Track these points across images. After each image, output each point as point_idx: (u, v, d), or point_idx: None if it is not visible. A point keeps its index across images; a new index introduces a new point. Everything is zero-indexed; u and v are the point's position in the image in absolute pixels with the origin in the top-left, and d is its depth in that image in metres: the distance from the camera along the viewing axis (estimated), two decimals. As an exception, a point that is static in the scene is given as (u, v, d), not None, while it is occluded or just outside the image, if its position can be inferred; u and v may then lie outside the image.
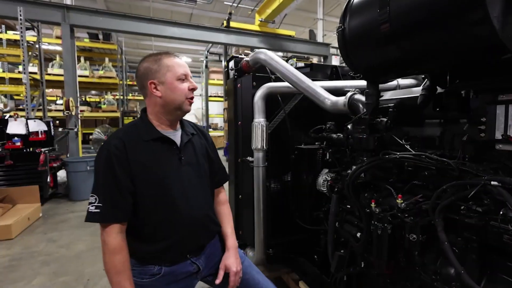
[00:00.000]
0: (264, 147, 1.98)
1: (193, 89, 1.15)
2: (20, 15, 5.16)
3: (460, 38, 0.85)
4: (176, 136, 1.19)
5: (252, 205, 2.09)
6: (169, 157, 1.14)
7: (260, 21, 7.81)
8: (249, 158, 2.11)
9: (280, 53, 9.02)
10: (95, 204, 1.01)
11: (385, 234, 1.39)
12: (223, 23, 7.70)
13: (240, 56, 2.25)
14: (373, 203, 1.41)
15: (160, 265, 1.11)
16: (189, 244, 1.15)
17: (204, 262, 1.22)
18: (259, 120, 1.96)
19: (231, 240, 1.30)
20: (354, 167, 1.48)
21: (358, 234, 1.62)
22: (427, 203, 1.23)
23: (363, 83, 2.05)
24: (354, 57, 1.20)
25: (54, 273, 2.85)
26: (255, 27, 8.03)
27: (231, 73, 2.29)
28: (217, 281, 1.21)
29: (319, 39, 8.87)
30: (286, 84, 1.91)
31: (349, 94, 1.52)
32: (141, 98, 17.05)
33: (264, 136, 1.96)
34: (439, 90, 1.30)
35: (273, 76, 2.15)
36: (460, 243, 1.15)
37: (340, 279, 1.77)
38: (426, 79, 1.27)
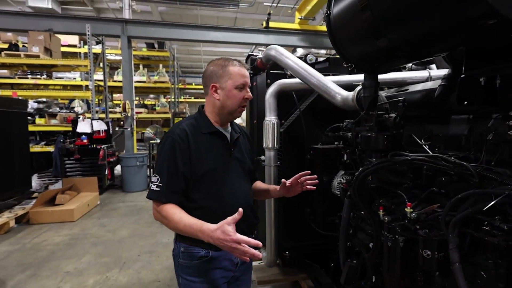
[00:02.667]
0: (275, 146, 1.91)
1: (247, 99, 1.22)
2: (88, 31, 5.94)
3: (447, 10, 0.68)
4: (228, 133, 1.30)
5: (264, 206, 2.03)
6: (221, 150, 1.24)
7: (300, 19, 7.60)
8: (262, 157, 2.05)
9: (323, 51, 8.67)
10: (157, 183, 1.12)
11: (396, 246, 1.21)
12: (262, 24, 7.72)
13: (256, 54, 2.21)
14: (381, 210, 1.24)
15: (208, 249, 1.17)
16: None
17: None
18: (271, 118, 1.89)
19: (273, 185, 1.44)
20: (360, 169, 1.32)
21: (371, 244, 1.44)
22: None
23: (381, 76, 1.83)
24: (343, 45, 1.06)
25: (99, 254, 3.22)
26: (294, 26, 7.85)
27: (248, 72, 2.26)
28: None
29: (367, 33, 8.26)
30: (298, 80, 1.81)
31: (358, 88, 1.36)
32: (190, 100, 18.11)
33: (276, 135, 1.89)
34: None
35: (288, 73, 2.05)
36: (482, 266, 0.93)
37: (351, 292, 1.60)
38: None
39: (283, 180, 1.31)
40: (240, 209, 0.98)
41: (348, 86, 1.60)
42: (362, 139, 1.31)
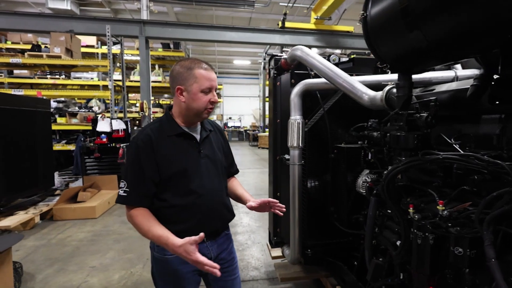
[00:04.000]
0: (300, 145, 1.94)
1: (213, 102, 1.23)
2: (108, 32, 6.12)
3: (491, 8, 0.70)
4: (196, 132, 1.31)
5: (289, 203, 2.07)
6: (190, 151, 1.25)
7: (316, 18, 7.59)
8: (286, 156, 2.10)
9: (338, 51, 8.62)
10: (124, 188, 1.16)
11: (426, 244, 1.23)
12: (278, 24, 7.75)
13: (279, 54, 2.25)
14: (411, 208, 1.26)
15: None
16: (206, 227, 1.24)
17: (215, 251, 1.31)
18: (295, 117, 1.93)
19: (248, 194, 1.41)
20: (390, 167, 1.34)
21: (398, 242, 1.46)
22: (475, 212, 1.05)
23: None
24: (378, 46, 1.09)
25: (122, 250, 3.33)
26: (310, 26, 7.85)
27: (272, 72, 2.30)
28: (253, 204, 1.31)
29: (383, 32, 8.17)
30: (323, 80, 1.84)
31: (387, 88, 1.38)
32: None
33: (300, 134, 1.93)
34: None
35: (312, 73, 2.09)
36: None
37: (377, 289, 1.62)
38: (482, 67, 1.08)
39: (247, 204, 1.32)
40: (202, 234, 1.02)
41: (373, 86, 1.63)
42: (391, 138, 1.34)
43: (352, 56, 2.09)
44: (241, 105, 21.42)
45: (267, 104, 15.51)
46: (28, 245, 3.45)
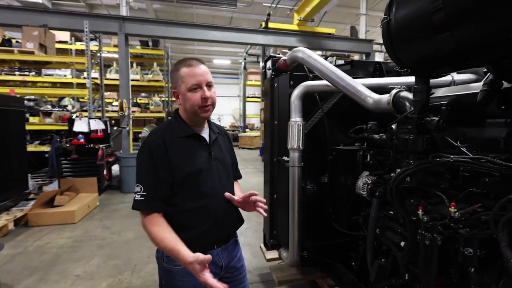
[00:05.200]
0: (300, 147, 1.93)
1: (206, 98, 1.16)
2: (86, 28, 5.80)
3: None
4: (205, 134, 1.28)
5: (287, 205, 2.05)
6: (201, 152, 1.22)
7: (299, 20, 7.69)
8: (285, 158, 2.07)
9: (319, 52, 8.78)
10: (140, 192, 1.10)
11: (434, 245, 1.25)
12: (261, 25, 7.75)
13: (277, 55, 2.23)
14: (420, 210, 1.28)
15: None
16: (218, 232, 1.21)
17: (226, 259, 1.26)
18: (296, 119, 1.91)
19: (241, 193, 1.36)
20: (398, 170, 1.36)
21: (402, 243, 1.48)
22: (487, 214, 1.08)
23: (407, 79, 1.89)
24: (401, 50, 1.10)
25: (107, 256, 3.16)
26: (293, 27, 7.93)
27: (268, 72, 2.27)
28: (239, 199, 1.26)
29: (362, 35, 8.43)
30: (324, 82, 1.84)
31: (394, 91, 1.40)
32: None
33: (301, 136, 1.91)
34: (506, 85, 1.13)
35: (311, 75, 2.08)
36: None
37: (380, 290, 1.64)
38: (489, 73, 1.11)
39: (232, 196, 1.27)
40: (209, 256, 0.98)
41: (373, 89, 1.64)
42: (399, 141, 1.35)
43: (352, 59, 2.10)
44: (220, 105, 21.15)
45: (247, 104, 15.57)
46: (2, 254, 3.17)
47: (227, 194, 1.27)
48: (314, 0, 6.94)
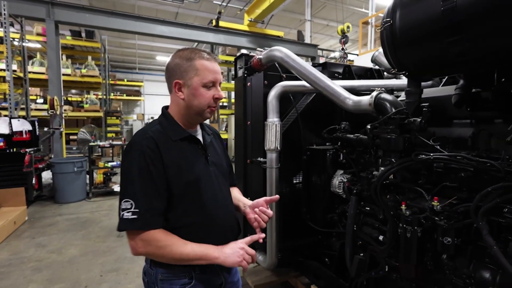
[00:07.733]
0: (278, 148, 1.90)
1: (217, 99, 1.06)
2: (4, 10, 4.83)
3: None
4: (199, 135, 1.14)
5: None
6: (198, 158, 1.08)
7: (250, 21, 7.73)
8: (261, 159, 2.02)
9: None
10: (132, 210, 0.91)
11: (414, 237, 1.35)
12: (211, 22, 7.56)
13: (250, 53, 2.16)
14: (403, 205, 1.36)
15: (190, 274, 1.03)
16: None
17: (226, 275, 1.16)
18: (273, 120, 1.88)
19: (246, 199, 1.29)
20: (381, 168, 1.42)
21: (381, 237, 1.57)
22: (464, 206, 1.20)
23: (378, 82, 2.02)
24: (404, 52, 1.14)
25: (47, 280, 2.67)
26: (244, 27, 7.95)
27: (240, 71, 2.19)
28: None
29: (307, 40, 8.90)
30: (302, 83, 1.85)
31: (374, 93, 1.46)
32: (124, 98, 16.45)
33: (278, 137, 1.88)
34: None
35: (284, 75, 2.07)
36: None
37: (360, 283, 1.71)
38: (460, 79, 1.23)
39: (246, 211, 1.19)
40: (261, 234, 0.99)
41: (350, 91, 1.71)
42: (382, 140, 1.42)
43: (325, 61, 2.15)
44: (163, 103, 19.80)
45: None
46: None
47: (248, 217, 1.15)
48: (265, 2, 7.05)
